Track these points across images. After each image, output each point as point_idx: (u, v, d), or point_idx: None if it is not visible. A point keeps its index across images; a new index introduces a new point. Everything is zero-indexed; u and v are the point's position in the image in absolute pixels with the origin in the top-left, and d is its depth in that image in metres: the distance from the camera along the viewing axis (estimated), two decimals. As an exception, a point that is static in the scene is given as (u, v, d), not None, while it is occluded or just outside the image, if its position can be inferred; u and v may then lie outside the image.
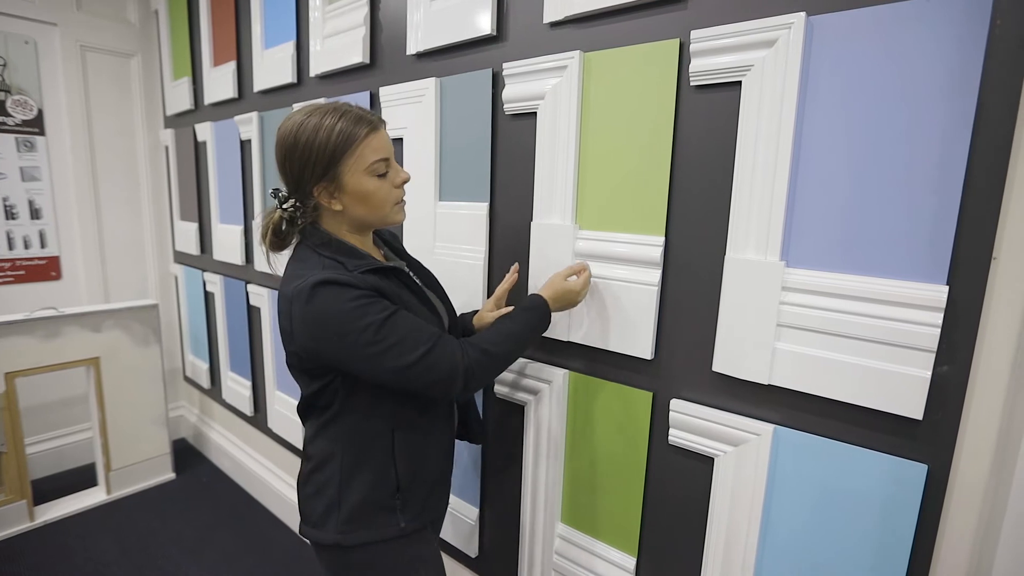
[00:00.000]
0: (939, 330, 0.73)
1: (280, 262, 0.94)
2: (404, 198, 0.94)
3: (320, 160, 0.84)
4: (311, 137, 0.83)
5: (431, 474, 0.99)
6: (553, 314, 1.01)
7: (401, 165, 1.11)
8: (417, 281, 1.00)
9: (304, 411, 0.97)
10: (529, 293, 1.05)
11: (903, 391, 0.76)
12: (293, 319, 0.83)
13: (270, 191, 0.92)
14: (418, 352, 0.83)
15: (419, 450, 0.96)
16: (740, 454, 0.92)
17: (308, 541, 0.96)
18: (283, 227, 0.91)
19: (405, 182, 0.92)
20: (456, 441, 1.13)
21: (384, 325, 0.81)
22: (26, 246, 2.32)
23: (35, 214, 2.33)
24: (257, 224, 0.94)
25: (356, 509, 0.91)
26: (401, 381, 0.84)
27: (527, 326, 0.97)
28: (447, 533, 1.45)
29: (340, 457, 0.91)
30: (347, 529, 0.90)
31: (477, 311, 1.16)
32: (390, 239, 1.09)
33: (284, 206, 0.90)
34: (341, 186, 0.86)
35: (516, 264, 1.15)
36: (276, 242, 0.92)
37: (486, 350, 0.90)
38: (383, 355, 0.81)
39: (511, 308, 1.02)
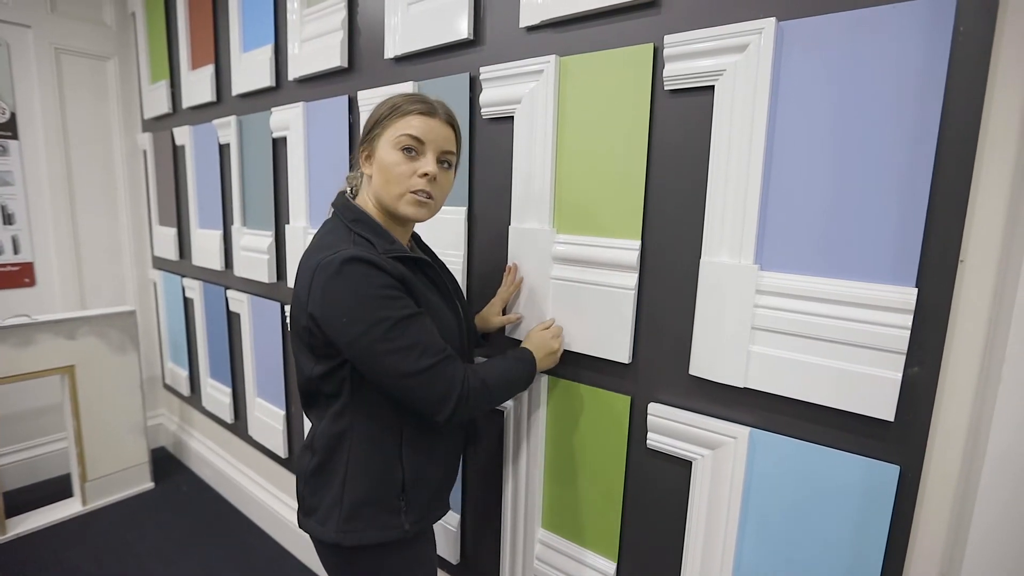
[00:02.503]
0: (909, 332, 0.74)
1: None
2: (426, 195, 0.87)
3: (368, 122, 0.90)
4: (377, 106, 0.91)
5: (437, 477, 0.97)
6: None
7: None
8: (444, 280, 0.98)
9: (309, 398, 0.93)
10: (522, 344, 1.05)
11: (874, 393, 0.76)
12: (312, 289, 0.81)
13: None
14: (422, 363, 0.80)
15: (427, 451, 0.94)
16: (717, 457, 0.93)
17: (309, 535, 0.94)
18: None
19: (425, 174, 0.86)
20: None
21: (398, 324, 0.79)
22: (-2, 252, 2.27)
23: (8, 219, 2.28)
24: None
25: (357, 508, 0.88)
26: (395, 387, 0.82)
27: (522, 376, 0.98)
28: (429, 540, 1.43)
29: (347, 451, 0.89)
30: (347, 528, 0.88)
31: (479, 311, 1.16)
32: (422, 243, 1.08)
33: (353, 172, 0.96)
34: (374, 151, 0.89)
35: (513, 264, 1.14)
36: None
37: (485, 382, 0.88)
38: (387, 355, 0.79)
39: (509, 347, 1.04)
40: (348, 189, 0.97)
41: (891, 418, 0.76)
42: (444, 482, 1.00)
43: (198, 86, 2.05)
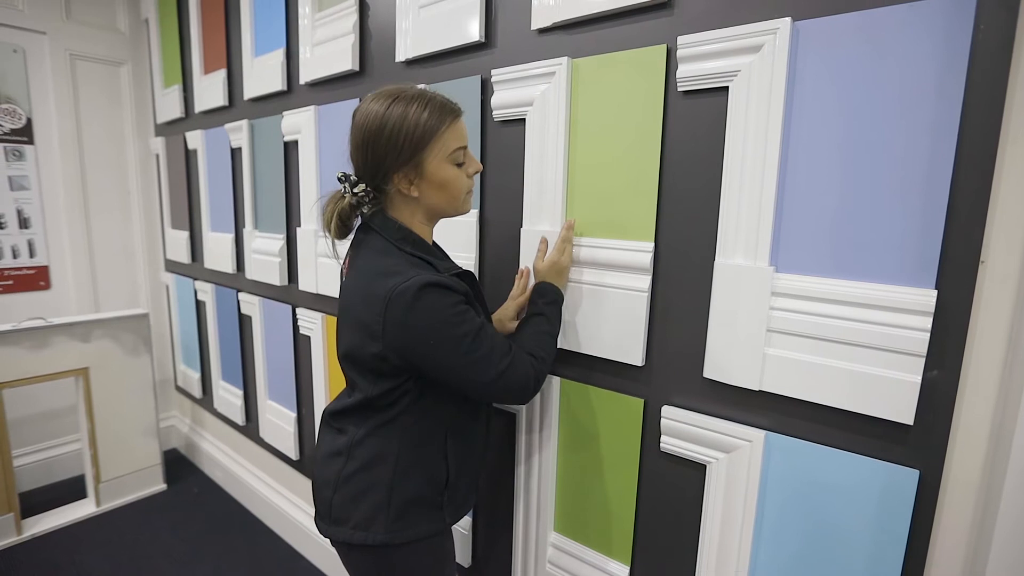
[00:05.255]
0: (928, 334, 0.73)
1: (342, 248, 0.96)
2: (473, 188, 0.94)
3: (407, 146, 0.84)
4: (398, 123, 0.84)
5: (472, 471, 1.01)
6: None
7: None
8: (480, 286, 1.02)
9: (352, 411, 0.94)
10: (535, 282, 1.05)
11: (893, 396, 0.75)
12: (387, 319, 0.81)
13: (338, 175, 0.91)
14: (502, 366, 0.85)
15: (466, 448, 0.98)
16: (732, 461, 0.92)
17: (331, 541, 0.95)
18: (350, 213, 0.92)
19: (478, 172, 0.93)
20: None
21: (478, 336, 0.84)
22: (14, 256, 2.30)
23: (24, 223, 2.31)
24: (317, 211, 0.98)
25: (405, 507, 0.91)
26: (482, 392, 0.87)
27: (559, 319, 1.02)
28: (440, 543, 1.43)
29: (396, 457, 0.90)
30: (396, 528, 0.90)
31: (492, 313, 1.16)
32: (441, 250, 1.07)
33: (355, 191, 0.89)
34: (422, 173, 0.87)
35: (526, 268, 1.14)
36: (342, 229, 0.92)
37: (543, 358, 0.93)
38: (472, 367, 0.84)
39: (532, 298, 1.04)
40: (363, 206, 0.92)
41: (910, 422, 0.75)
42: (476, 473, 1.04)
43: (210, 91, 2.07)
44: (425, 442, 0.92)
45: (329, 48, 1.53)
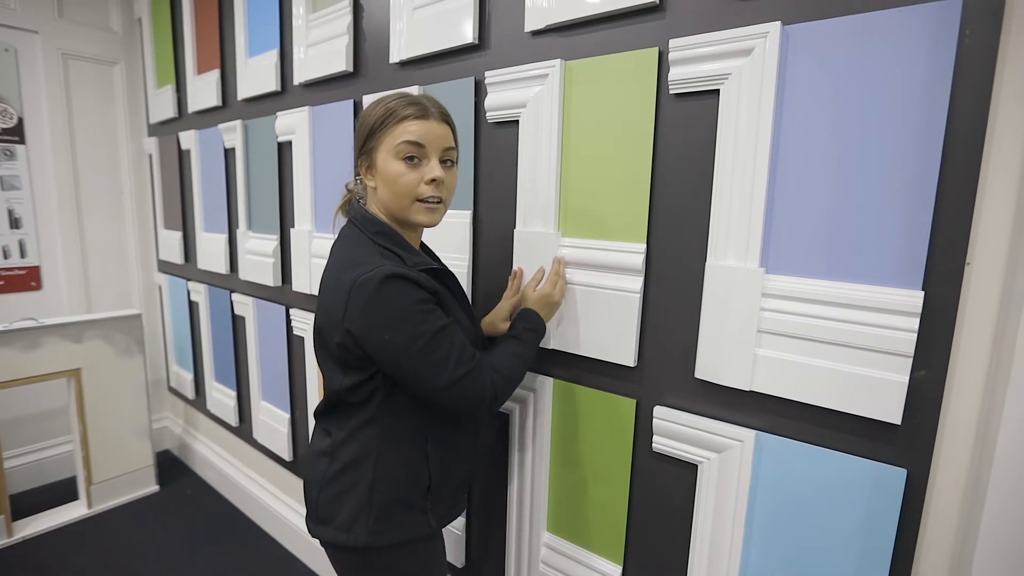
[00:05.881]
0: (915, 335, 0.74)
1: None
2: (435, 201, 0.88)
3: (362, 133, 0.89)
4: (367, 113, 0.89)
5: (459, 476, 0.99)
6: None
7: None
8: (461, 288, 1.01)
9: (330, 409, 0.94)
10: (521, 308, 1.05)
11: (881, 396, 0.76)
12: (348, 307, 0.81)
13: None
14: (458, 373, 0.84)
15: (450, 451, 0.96)
16: (723, 461, 0.92)
17: (319, 541, 0.95)
18: (351, 200, 0.97)
19: (433, 180, 0.86)
20: None
21: (436, 336, 0.82)
22: (5, 256, 2.28)
23: (15, 223, 2.29)
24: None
25: (387, 509, 0.90)
26: (433, 396, 0.85)
27: (534, 347, 1.00)
28: (434, 543, 1.43)
29: (375, 457, 0.90)
30: (378, 530, 0.89)
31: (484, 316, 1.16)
32: (428, 251, 1.07)
33: (357, 178, 0.94)
34: (374, 162, 0.88)
35: (519, 269, 1.14)
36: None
37: (508, 377, 0.92)
38: (426, 367, 0.82)
39: (513, 321, 1.04)
40: (357, 199, 0.97)
41: (898, 421, 0.76)
42: (465, 480, 1.03)
43: (204, 91, 2.06)
44: (405, 443, 0.91)
45: (323, 49, 1.53)
